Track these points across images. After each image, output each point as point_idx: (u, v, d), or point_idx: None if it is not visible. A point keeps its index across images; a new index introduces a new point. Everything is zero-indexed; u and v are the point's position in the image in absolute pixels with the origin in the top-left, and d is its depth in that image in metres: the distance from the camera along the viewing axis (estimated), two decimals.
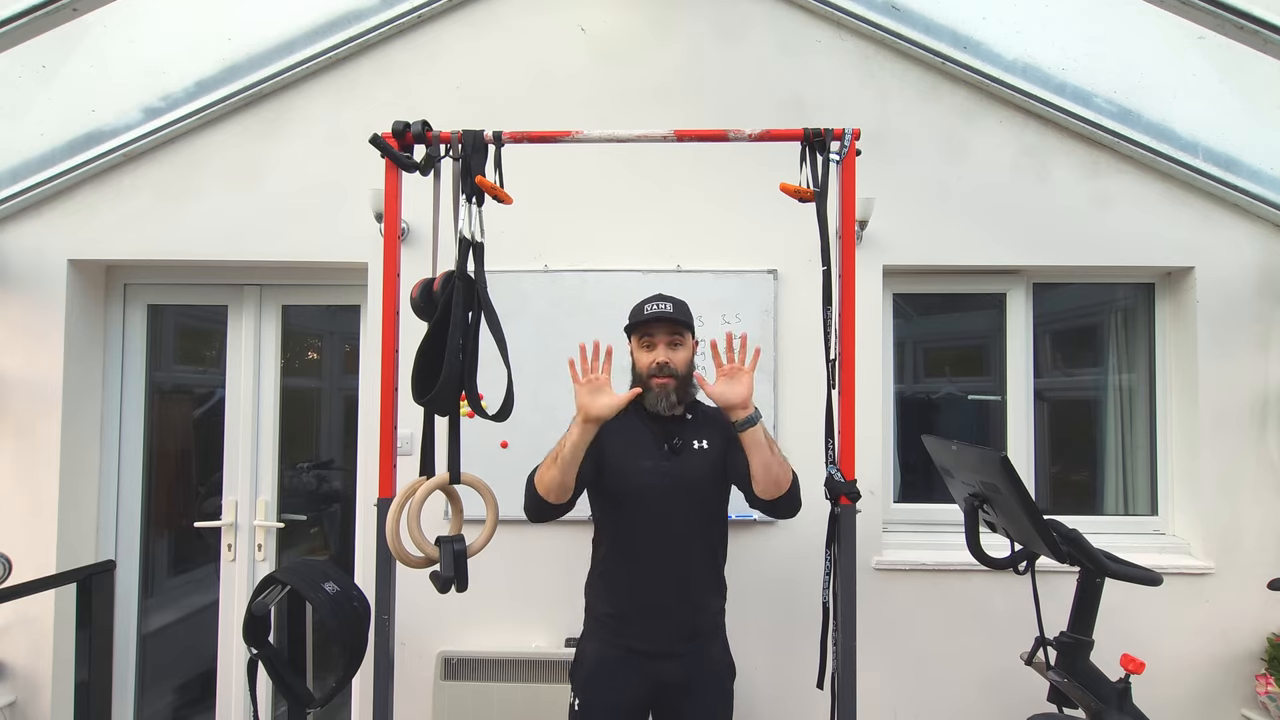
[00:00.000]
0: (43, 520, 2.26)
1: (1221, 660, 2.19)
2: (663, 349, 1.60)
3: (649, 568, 1.57)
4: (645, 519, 1.57)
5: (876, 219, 2.20)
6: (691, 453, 1.61)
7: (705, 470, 1.61)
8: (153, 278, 2.51)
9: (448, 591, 1.40)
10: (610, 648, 1.60)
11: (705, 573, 1.63)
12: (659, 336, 1.62)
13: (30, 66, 2.12)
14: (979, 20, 2.21)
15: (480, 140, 1.49)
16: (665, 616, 1.57)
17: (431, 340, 1.42)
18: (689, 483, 1.59)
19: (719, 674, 1.64)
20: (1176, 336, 2.37)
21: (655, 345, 1.61)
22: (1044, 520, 1.55)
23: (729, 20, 2.33)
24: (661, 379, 1.59)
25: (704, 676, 1.60)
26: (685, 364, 1.63)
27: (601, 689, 1.58)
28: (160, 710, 2.56)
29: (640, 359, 1.64)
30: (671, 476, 1.57)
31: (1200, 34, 1.76)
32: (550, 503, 1.49)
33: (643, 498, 1.57)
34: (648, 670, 1.56)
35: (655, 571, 1.56)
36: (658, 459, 1.59)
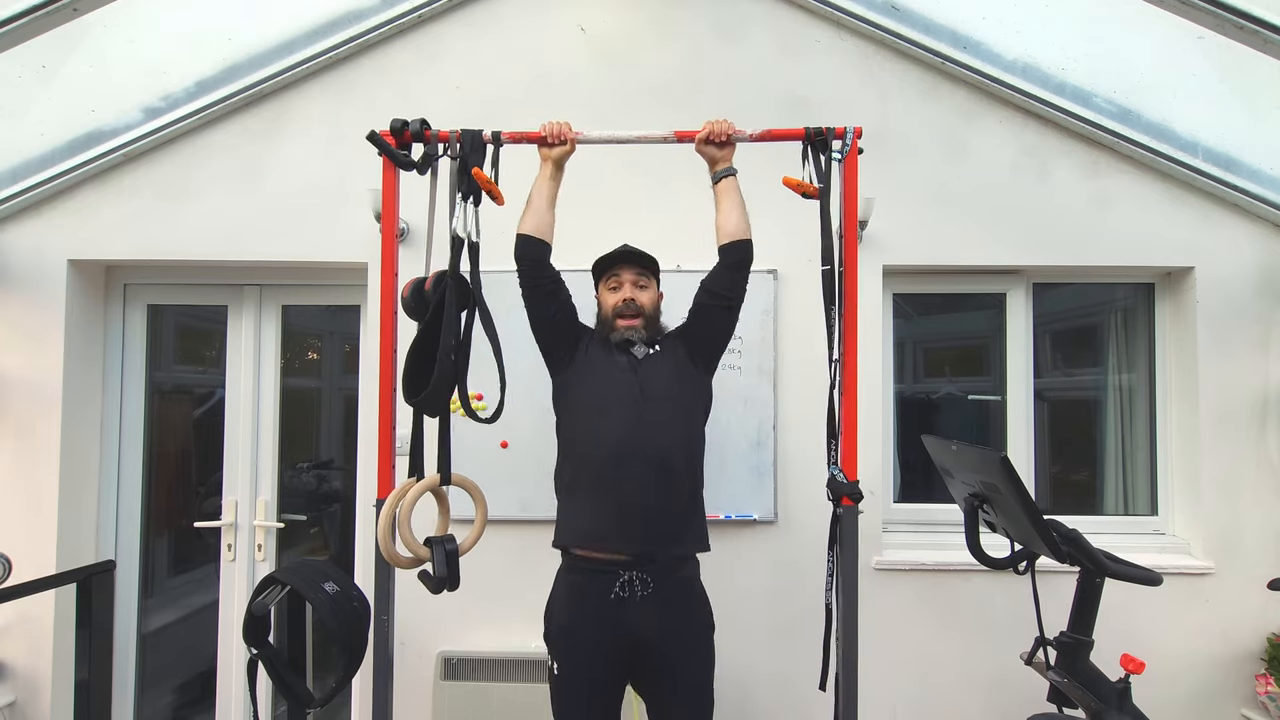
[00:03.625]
0: (43, 520, 2.26)
1: (1221, 660, 2.19)
2: (629, 288, 1.66)
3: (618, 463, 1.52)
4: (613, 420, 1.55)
5: (876, 219, 2.20)
6: (653, 360, 1.64)
7: (670, 367, 1.63)
8: (153, 278, 2.51)
9: (440, 591, 1.40)
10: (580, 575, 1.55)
11: (675, 476, 1.56)
12: (625, 276, 1.67)
13: (30, 66, 2.12)
14: (979, 20, 2.21)
15: (479, 140, 1.49)
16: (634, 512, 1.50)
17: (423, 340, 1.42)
18: (655, 379, 1.60)
19: (697, 624, 1.59)
20: (1176, 336, 2.37)
21: (622, 284, 1.67)
22: (1044, 520, 1.55)
23: (729, 20, 2.33)
24: (628, 319, 1.64)
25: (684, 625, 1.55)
26: (651, 305, 1.68)
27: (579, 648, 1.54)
28: (160, 710, 2.56)
29: (606, 300, 1.69)
30: (638, 377, 1.60)
31: (1200, 34, 1.76)
32: (535, 238, 1.58)
33: (610, 388, 1.58)
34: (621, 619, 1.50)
35: (624, 467, 1.52)
36: (626, 359, 1.63)
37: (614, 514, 1.51)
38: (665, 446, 1.55)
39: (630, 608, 1.51)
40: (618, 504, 1.51)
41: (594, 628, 1.53)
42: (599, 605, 1.52)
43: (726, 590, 2.15)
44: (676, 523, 1.57)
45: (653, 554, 1.52)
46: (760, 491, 2.21)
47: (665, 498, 1.54)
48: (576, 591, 1.57)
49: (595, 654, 1.53)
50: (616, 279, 1.68)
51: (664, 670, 1.54)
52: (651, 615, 1.51)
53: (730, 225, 1.60)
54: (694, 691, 1.56)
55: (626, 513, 1.51)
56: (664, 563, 1.54)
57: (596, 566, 1.54)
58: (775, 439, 2.22)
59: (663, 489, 1.53)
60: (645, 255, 1.71)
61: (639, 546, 1.51)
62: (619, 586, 1.51)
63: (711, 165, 1.61)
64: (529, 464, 2.18)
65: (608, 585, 1.51)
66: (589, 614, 1.53)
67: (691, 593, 1.60)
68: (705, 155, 1.61)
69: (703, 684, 1.57)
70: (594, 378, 1.62)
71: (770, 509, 2.21)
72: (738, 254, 1.61)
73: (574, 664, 1.54)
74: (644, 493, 1.51)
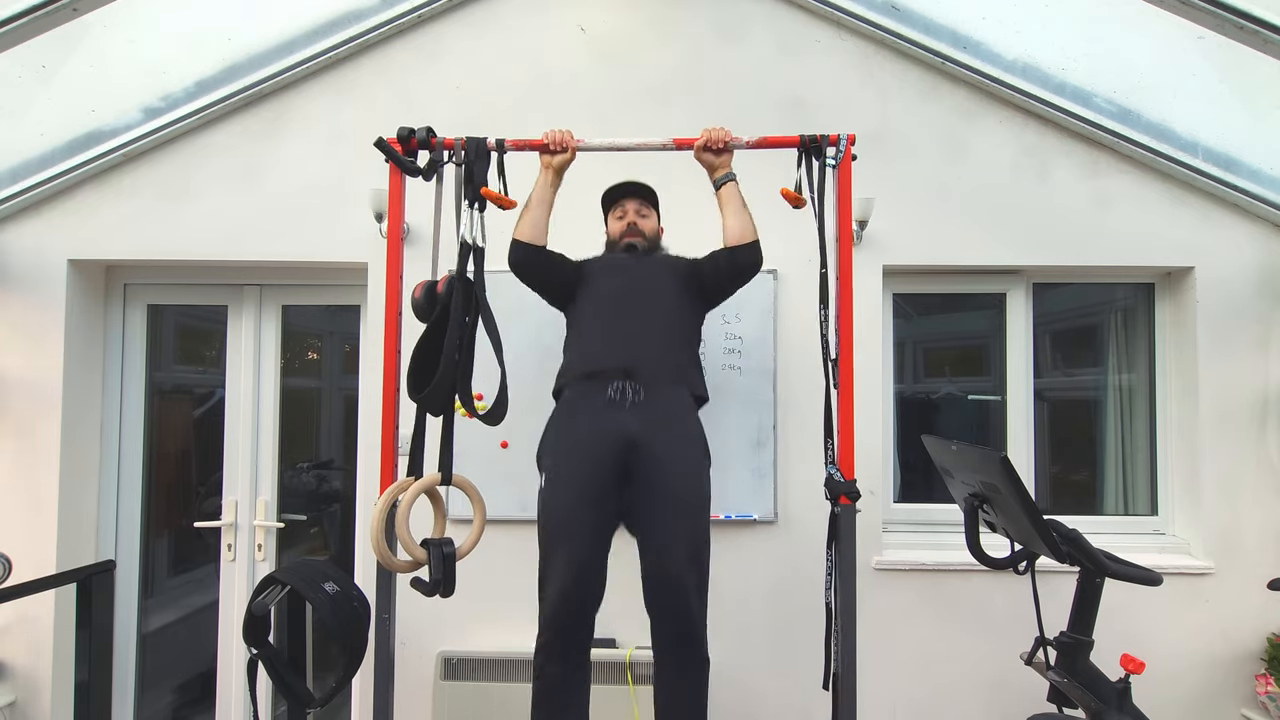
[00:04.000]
0: (43, 520, 2.26)
1: (1221, 660, 2.19)
2: (632, 213, 1.85)
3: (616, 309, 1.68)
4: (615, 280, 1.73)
5: (876, 219, 2.20)
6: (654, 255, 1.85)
7: (672, 263, 1.80)
8: (153, 278, 2.51)
9: (434, 595, 1.39)
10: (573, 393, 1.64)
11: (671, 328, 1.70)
12: (629, 204, 1.87)
13: (30, 66, 2.12)
14: (979, 20, 2.21)
15: (483, 147, 1.50)
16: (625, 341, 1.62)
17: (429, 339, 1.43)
18: (656, 264, 1.79)
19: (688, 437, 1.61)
20: (1176, 336, 2.37)
21: (626, 212, 1.86)
22: (1044, 520, 1.55)
23: (729, 20, 2.33)
24: (632, 235, 1.83)
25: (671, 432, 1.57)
26: (653, 232, 1.88)
27: (570, 451, 1.57)
28: (160, 710, 2.56)
29: (613, 228, 1.90)
30: (639, 260, 1.80)
31: (1200, 34, 1.76)
32: (528, 243, 1.68)
33: (613, 270, 1.76)
34: (616, 420, 1.53)
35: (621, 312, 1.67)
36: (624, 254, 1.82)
37: (606, 341, 1.65)
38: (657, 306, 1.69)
39: (622, 411, 1.55)
40: (610, 335, 1.65)
41: (586, 428, 1.57)
42: (592, 408, 1.58)
43: (727, 590, 2.16)
44: (665, 357, 1.65)
45: (640, 371, 1.58)
46: (760, 491, 2.21)
47: (655, 337, 1.66)
48: (569, 407, 1.65)
49: (587, 455, 1.54)
50: (622, 208, 1.88)
51: (654, 476, 1.52)
52: (642, 417, 1.55)
53: (734, 231, 1.67)
54: (685, 507, 1.53)
55: (618, 341, 1.63)
56: (655, 379, 1.59)
57: (589, 379, 1.62)
58: (775, 439, 2.22)
59: (652, 334, 1.65)
60: (646, 187, 1.90)
61: (627, 362, 1.59)
62: (611, 391, 1.56)
63: (710, 171, 1.67)
64: (529, 464, 2.18)
65: (600, 390, 1.57)
66: (581, 419, 1.59)
67: (684, 408, 1.64)
68: (704, 162, 1.66)
69: (694, 501, 1.56)
70: (597, 275, 1.78)
71: (770, 509, 2.21)
72: (746, 256, 1.69)
73: (564, 468, 1.56)
74: (633, 332, 1.64)
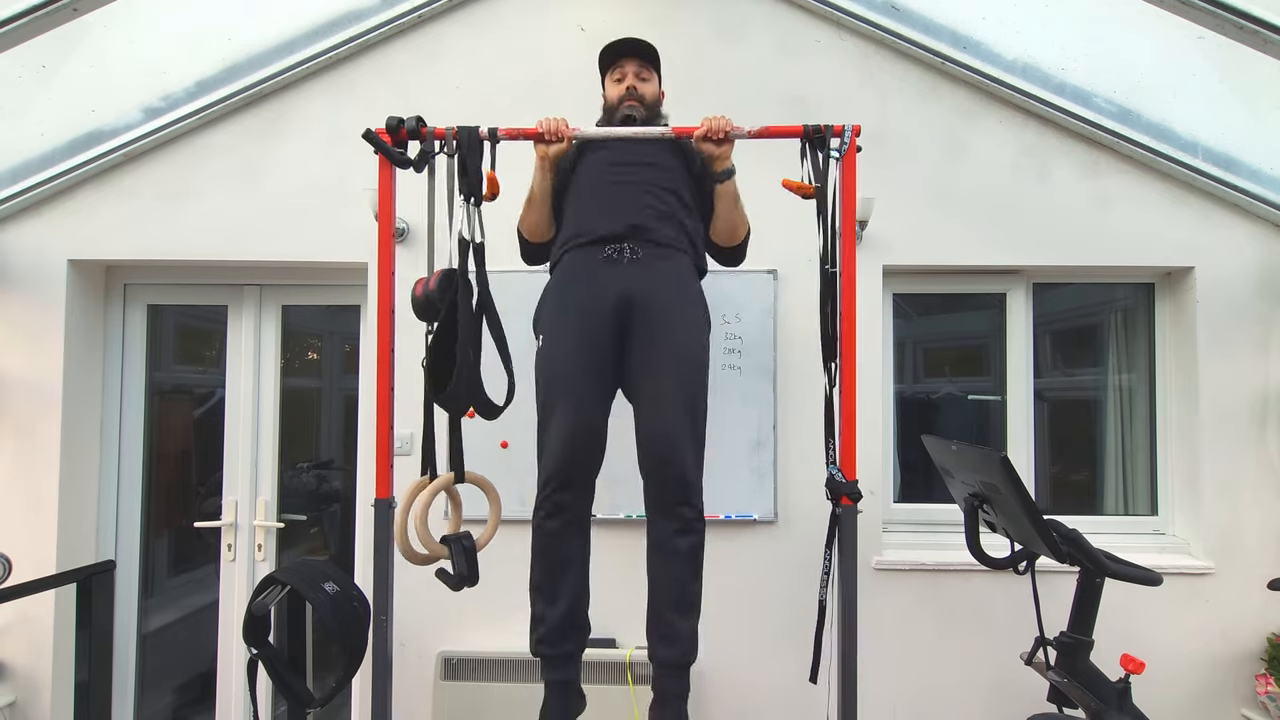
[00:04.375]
0: (43, 520, 2.26)
1: (1221, 660, 2.19)
2: (631, 77, 1.74)
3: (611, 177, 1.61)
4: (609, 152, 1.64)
5: (876, 219, 2.20)
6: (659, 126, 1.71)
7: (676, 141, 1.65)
8: (153, 278, 2.51)
9: (460, 588, 1.41)
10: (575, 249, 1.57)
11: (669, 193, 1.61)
12: (629, 67, 1.75)
13: (30, 66, 2.12)
14: (979, 20, 2.21)
15: (475, 137, 1.48)
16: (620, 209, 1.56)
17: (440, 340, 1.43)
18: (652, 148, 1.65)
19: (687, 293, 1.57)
20: (1176, 336, 2.37)
21: (625, 74, 1.75)
22: (1044, 520, 1.55)
23: (729, 20, 2.33)
24: (631, 100, 1.72)
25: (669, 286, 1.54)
26: (653, 96, 1.77)
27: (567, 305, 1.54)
28: (160, 710, 2.56)
29: (611, 92, 1.77)
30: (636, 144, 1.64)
31: (1200, 34, 1.76)
32: (534, 242, 1.67)
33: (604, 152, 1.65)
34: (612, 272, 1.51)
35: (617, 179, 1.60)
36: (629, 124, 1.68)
37: (602, 208, 1.58)
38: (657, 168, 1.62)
39: (619, 267, 1.52)
40: (607, 201, 1.58)
41: (581, 283, 1.54)
42: (587, 268, 1.54)
43: (727, 590, 2.16)
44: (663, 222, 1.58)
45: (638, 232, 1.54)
46: (760, 492, 2.21)
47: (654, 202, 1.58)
48: (565, 269, 1.59)
49: (583, 309, 1.51)
50: (620, 70, 1.76)
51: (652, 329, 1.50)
52: (639, 273, 1.52)
53: (725, 231, 1.68)
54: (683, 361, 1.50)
55: (615, 206, 1.57)
56: (651, 241, 1.55)
57: (585, 246, 1.56)
58: (775, 439, 2.22)
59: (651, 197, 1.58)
60: (647, 46, 1.77)
61: (621, 228, 1.54)
62: (608, 250, 1.54)
63: (710, 163, 1.61)
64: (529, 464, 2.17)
65: (595, 252, 1.54)
66: (578, 279, 1.55)
67: (684, 268, 1.60)
68: (704, 152, 1.60)
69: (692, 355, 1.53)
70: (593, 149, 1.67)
71: (770, 509, 2.21)
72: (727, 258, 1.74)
73: (561, 324, 1.53)
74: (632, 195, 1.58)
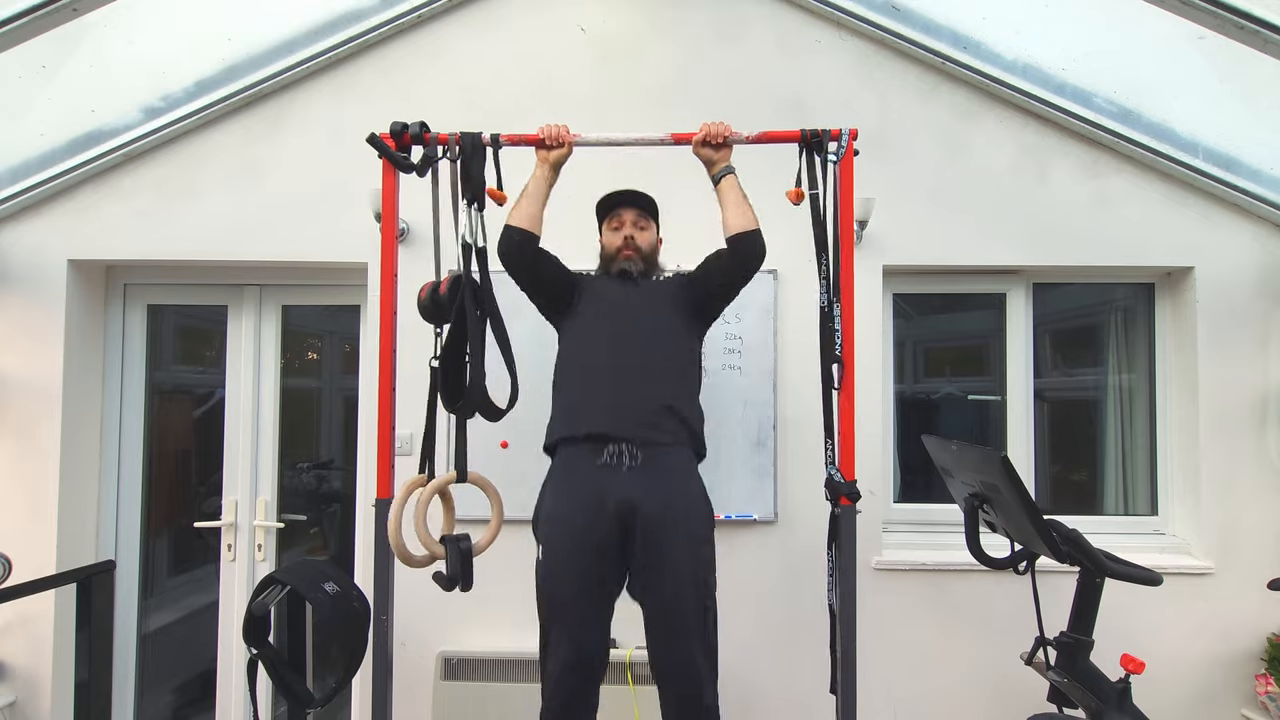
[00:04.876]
0: (43, 520, 2.26)
1: (1221, 660, 2.19)
2: (629, 226, 1.76)
3: (611, 357, 1.59)
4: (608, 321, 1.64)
5: (876, 219, 2.20)
6: (649, 283, 1.75)
7: (666, 294, 1.71)
8: (153, 278, 2.51)
9: (453, 590, 1.41)
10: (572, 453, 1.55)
11: (668, 377, 1.60)
12: (626, 216, 1.77)
13: (30, 66, 2.12)
14: (979, 20, 2.21)
15: (478, 142, 1.49)
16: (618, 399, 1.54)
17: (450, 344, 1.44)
18: (651, 295, 1.70)
19: (689, 500, 1.55)
20: (1176, 336, 2.37)
21: (623, 224, 1.77)
22: (1044, 520, 1.55)
23: (729, 20, 2.33)
24: (628, 251, 1.74)
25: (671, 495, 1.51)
26: (650, 245, 1.78)
27: (565, 520, 1.51)
28: (160, 710, 2.56)
29: (609, 240, 1.79)
30: (633, 294, 1.69)
31: (1200, 34, 1.76)
32: (526, 230, 1.61)
33: (606, 303, 1.67)
34: (611, 481, 1.48)
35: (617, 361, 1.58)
36: (621, 283, 1.72)
37: (598, 404, 1.55)
38: (652, 351, 1.60)
39: (618, 474, 1.49)
40: (602, 396, 1.56)
41: (581, 495, 1.50)
42: (586, 473, 1.52)
43: (727, 590, 2.14)
44: (662, 418, 1.55)
45: (636, 435, 1.51)
46: (760, 492, 2.21)
47: (650, 395, 1.56)
48: (564, 469, 1.58)
49: (582, 523, 1.48)
50: (618, 219, 1.78)
51: (656, 546, 1.47)
52: (639, 482, 1.49)
53: (734, 221, 1.61)
54: (689, 576, 1.49)
55: (610, 402, 1.54)
56: (652, 443, 1.53)
57: (582, 446, 1.54)
58: (775, 439, 2.22)
59: (648, 387, 1.56)
60: (645, 197, 1.79)
61: (623, 429, 1.52)
62: (607, 455, 1.51)
63: (709, 167, 1.63)
64: (529, 464, 2.17)
65: (595, 454, 1.52)
66: (576, 483, 1.53)
67: (683, 471, 1.57)
68: (702, 157, 1.62)
69: (698, 570, 1.51)
70: (590, 301, 1.70)
71: (770, 509, 2.21)
72: (747, 246, 1.61)
73: (560, 541, 1.51)
74: (629, 388, 1.55)
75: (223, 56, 2.26)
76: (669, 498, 1.51)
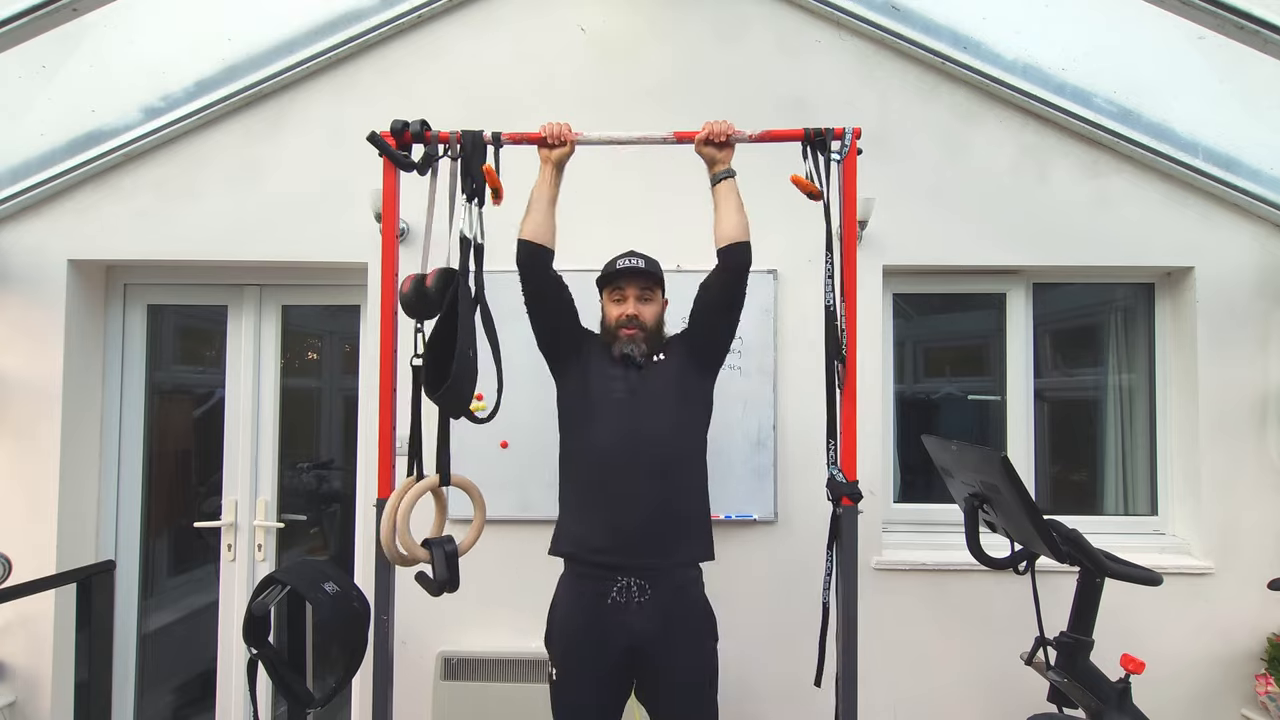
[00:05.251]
0: (42, 520, 2.26)
1: (1221, 660, 2.19)
2: (633, 302, 1.66)
3: (617, 471, 1.54)
4: (613, 426, 1.57)
5: (876, 219, 2.20)
6: (653, 367, 1.64)
7: (671, 377, 1.63)
8: (153, 278, 2.51)
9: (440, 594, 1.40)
10: (579, 582, 1.57)
11: (671, 489, 1.57)
12: (630, 290, 1.67)
13: (30, 66, 2.12)
14: (979, 20, 2.21)
15: (479, 140, 1.49)
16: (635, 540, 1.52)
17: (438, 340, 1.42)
18: (656, 390, 1.61)
19: (697, 633, 1.58)
20: (1176, 336, 2.37)
21: (626, 299, 1.67)
22: (1044, 520, 1.55)
23: (729, 20, 2.33)
24: (629, 329, 1.64)
25: (681, 630, 1.54)
26: (654, 318, 1.69)
27: (576, 651, 1.55)
28: (160, 710, 2.56)
29: (610, 312, 1.69)
30: (637, 387, 1.61)
31: (1200, 34, 1.76)
32: (537, 244, 1.58)
33: (609, 404, 1.59)
34: (620, 620, 1.51)
35: (624, 475, 1.54)
36: (625, 369, 1.63)
37: (607, 525, 1.53)
38: (661, 457, 1.55)
39: (628, 613, 1.52)
40: (611, 515, 1.53)
41: (591, 631, 1.53)
42: (596, 610, 1.53)
43: (727, 590, 2.14)
44: (672, 536, 1.56)
45: (646, 565, 1.53)
46: (760, 492, 2.21)
47: (660, 511, 1.54)
48: (574, 595, 1.59)
49: (593, 657, 1.53)
50: (620, 292, 1.68)
51: (663, 677, 1.54)
52: (649, 621, 1.51)
53: (727, 229, 1.58)
54: (694, 701, 1.55)
55: (620, 524, 1.52)
56: (661, 571, 1.54)
57: (593, 572, 1.55)
58: (775, 439, 2.22)
59: (657, 502, 1.54)
60: (647, 271, 1.68)
61: (633, 558, 1.52)
62: (616, 591, 1.52)
63: (710, 166, 1.60)
64: (529, 464, 2.18)
65: (604, 590, 1.53)
66: (587, 618, 1.54)
67: (691, 601, 1.59)
68: (705, 156, 1.59)
69: (703, 694, 1.57)
70: (593, 389, 1.62)
71: (770, 509, 2.21)
72: (736, 257, 1.58)
73: (571, 667, 1.56)
74: (637, 505, 1.52)
75: (223, 56, 2.26)
76: (678, 637, 1.54)
